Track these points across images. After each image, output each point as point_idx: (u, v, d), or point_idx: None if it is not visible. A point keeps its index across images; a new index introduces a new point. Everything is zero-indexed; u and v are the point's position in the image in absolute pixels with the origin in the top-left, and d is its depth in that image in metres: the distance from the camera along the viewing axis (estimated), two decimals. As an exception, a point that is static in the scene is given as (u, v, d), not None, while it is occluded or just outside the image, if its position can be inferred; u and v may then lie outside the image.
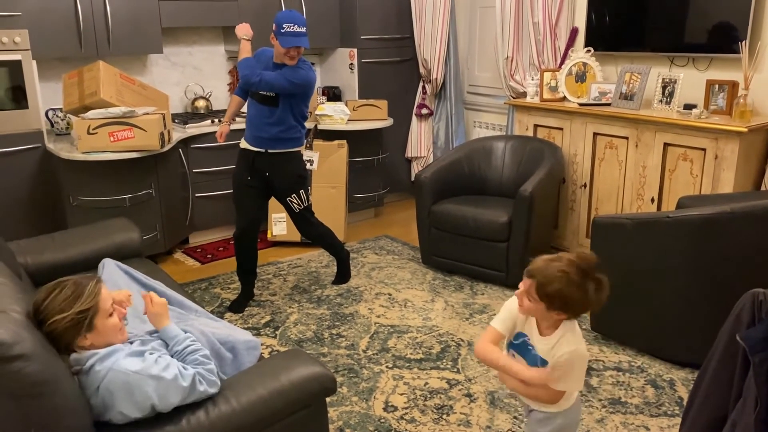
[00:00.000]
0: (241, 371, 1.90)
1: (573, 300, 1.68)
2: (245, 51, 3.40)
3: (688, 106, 3.52)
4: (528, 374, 1.80)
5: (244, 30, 3.44)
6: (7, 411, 1.40)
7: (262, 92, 3.31)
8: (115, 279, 2.34)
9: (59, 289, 1.61)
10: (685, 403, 2.62)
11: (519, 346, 1.87)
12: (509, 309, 1.88)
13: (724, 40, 3.50)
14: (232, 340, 2.05)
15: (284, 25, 3.17)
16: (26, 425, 1.41)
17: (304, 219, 3.61)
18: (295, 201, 3.53)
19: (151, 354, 1.64)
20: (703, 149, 3.35)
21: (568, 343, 1.76)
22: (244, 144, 3.47)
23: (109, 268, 2.42)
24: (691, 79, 3.69)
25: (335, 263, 3.94)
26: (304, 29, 3.21)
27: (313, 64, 5.48)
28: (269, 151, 3.40)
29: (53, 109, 4.22)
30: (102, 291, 1.66)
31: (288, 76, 3.25)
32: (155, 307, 1.82)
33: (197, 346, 1.76)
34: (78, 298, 1.60)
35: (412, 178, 5.56)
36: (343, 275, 3.89)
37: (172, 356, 1.72)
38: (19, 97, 3.74)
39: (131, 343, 1.71)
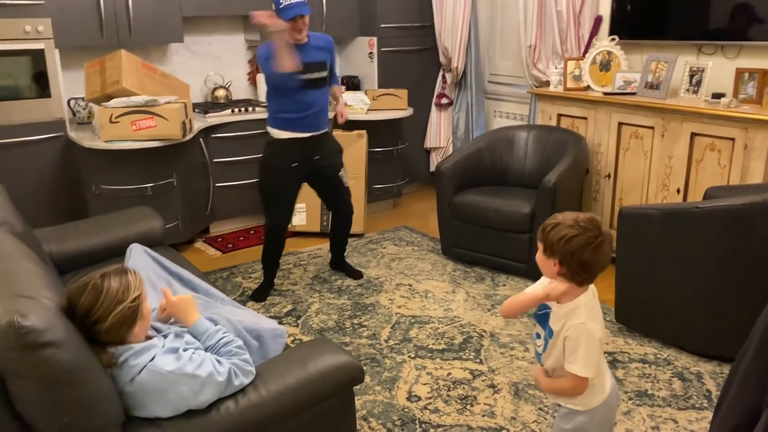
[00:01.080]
0: (269, 360, 1.89)
1: (572, 250, 1.62)
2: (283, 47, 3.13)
3: (717, 95, 3.46)
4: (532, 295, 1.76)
5: (270, 20, 3.12)
6: (38, 398, 1.39)
7: (313, 77, 3.29)
8: (142, 265, 2.34)
9: (107, 283, 1.56)
10: (713, 396, 2.59)
11: (540, 316, 1.82)
12: (542, 280, 1.83)
13: (754, 27, 3.42)
14: (258, 328, 2.04)
15: (281, 1, 3.14)
16: (58, 413, 1.41)
17: (349, 193, 3.68)
18: (345, 174, 3.61)
19: (185, 350, 1.63)
20: (732, 139, 3.29)
21: (578, 316, 1.69)
22: (289, 134, 3.35)
23: (137, 253, 2.42)
24: (720, 67, 3.62)
25: (345, 254, 3.96)
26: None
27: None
28: (320, 132, 3.41)
29: (75, 98, 4.23)
30: (141, 277, 1.66)
31: (322, 45, 3.35)
32: (181, 302, 1.81)
33: (230, 337, 1.76)
34: (128, 287, 1.58)
35: (432, 169, 5.53)
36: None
37: (205, 350, 1.72)
38: (41, 86, 3.76)
39: (165, 337, 1.70)
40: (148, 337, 1.68)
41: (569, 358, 1.72)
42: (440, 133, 5.43)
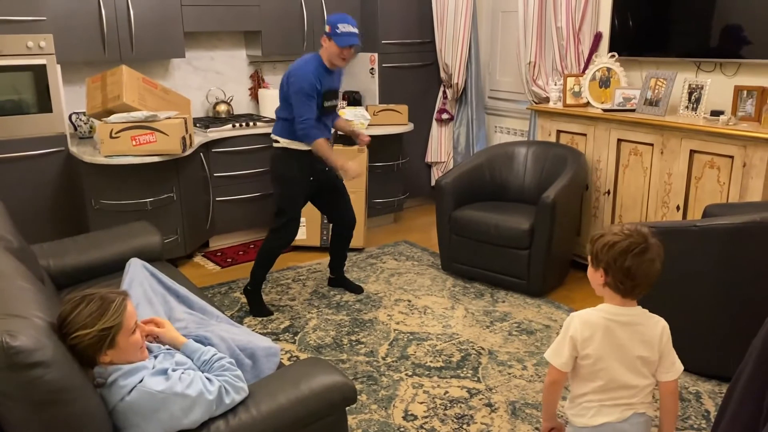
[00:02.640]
0: (262, 379, 1.89)
1: (615, 257, 1.65)
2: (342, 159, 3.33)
3: (716, 113, 3.46)
4: None
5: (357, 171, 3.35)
6: (26, 418, 1.39)
7: (334, 104, 3.46)
8: (140, 279, 2.34)
9: (85, 304, 1.58)
10: (711, 416, 2.56)
11: None
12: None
13: (753, 44, 3.43)
14: (251, 347, 2.04)
15: (339, 26, 3.23)
16: (46, 433, 1.40)
17: (350, 200, 3.73)
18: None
19: (174, 370, 1.63)
20: (731, 156, 3.28)
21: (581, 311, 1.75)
22: (303, 146, 3.36)
23: (136, 268, 2.42)
24: (719, 84, 3.62)
25: (342, 268, 3.94)
26: (356, 30, 3.29)
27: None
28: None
29: (77, 113, 4.26)
30: (127, 308, 1.64)
31: (341, 72, 3.52)
32: (168, 327, 1.85)
33: (221, 354, 1.76)
34: (103, 314, 1.57)
35: (432, 184, 5.53)
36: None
37: (199, 366, 1.72)
38: (43, 101, 3.78)
39: (155, 357, 1.70)
40: None
41: None
42: (441, 148, 5.44)
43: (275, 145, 3.44)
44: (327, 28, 3.27)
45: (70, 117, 4.23)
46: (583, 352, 1.74)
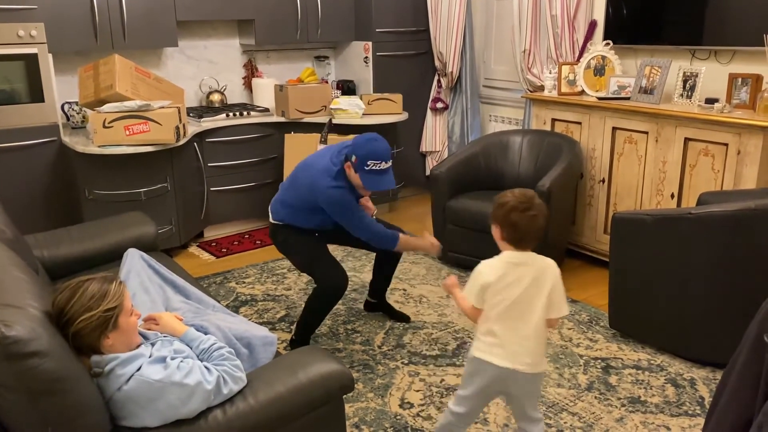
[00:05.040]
0: (259, 368, 1.89)
1: (504, 213, 1.97)
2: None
3: (710, 101, 3.46)
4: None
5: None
6: (23, 408, 1.39)
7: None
8: (137, 270, 2.34)
9: (84, 288, 1.58)
10: (706, 402, 2.58)
11: None
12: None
13: (748, 32, 3.43)
14: (248, 336, 2.04)
15: (369, 162, 2.68)
16: (43, 423, 1.40)
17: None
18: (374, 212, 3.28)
19: (173, 359, 1.62)
20: (725, 144, 3.29)
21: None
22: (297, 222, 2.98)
23: (133, 258, 2.41)
24: (713, 72, 3.62)
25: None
26: (390, 164, 2.75)
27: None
28: None
29: (69, 103, 4.22)
30: (125, 289, 1.66)
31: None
32: (165, 318, 1.84)
33: (221, 343, 1.77)
34: (105, 295, 1.58)
35: (427, 173, 5.52)
36: None
37: (198, 355, 1.72)
38: (35, 91, 3.75)
39: (153, 345, 1.69)
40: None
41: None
42: (436, 137, 5.43)
43: (272, 221, 3.02)
44: (353, 158, 2.71)
45: (62, 107, 4.20)
46: (488, 290, 1.98)
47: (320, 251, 2.96)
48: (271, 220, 3.03)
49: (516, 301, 1.96)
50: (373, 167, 2.70)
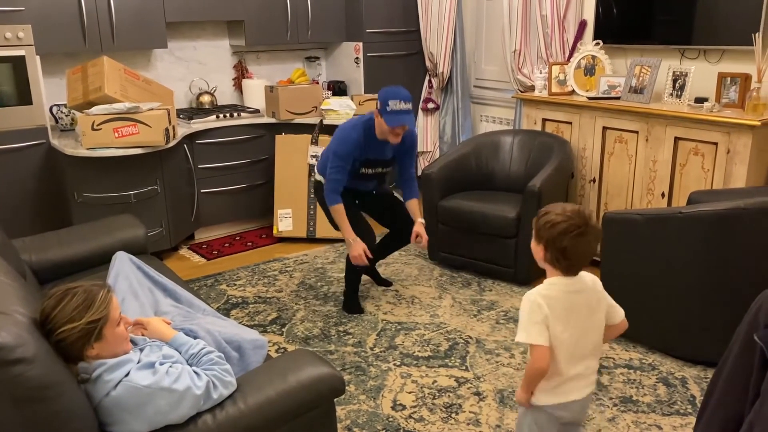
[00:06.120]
0: (249, 371, 1.87)
1: (554, 236, 1.71)
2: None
3: (700, 100, 3.47)
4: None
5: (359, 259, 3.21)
6: (8, 416, 1.37)
7: (373, 171, 3.35)
8: (126, 273, 2.32)
9: (70, 297, 1.55)
10: (698, 401, 2.59)
11: None
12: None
13: (736, 31, 3.44)
14: (238, 339, 2.02)
15: (390, 102, 3.06)
16: (28, 430, 1.38)
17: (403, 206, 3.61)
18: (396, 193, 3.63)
19: (162, 364, 1.61)
20: (715, 143, 3.30)
21: (536, 288, 1.78)
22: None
23: (122, 261, 2.39)
24: (702, 72, 3.63)
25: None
26: (409, 105, 3.12)
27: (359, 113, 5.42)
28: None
29: (57, 105, 4.19)
30: (112, 299, 1.63)
31: (402, 144, 3.31)
32: (153, 324, 1.82)
33: (210, 348, 1.75)
34: (89, 307, 1.55)
35: (419, 173, 5.51)
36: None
37: (187, 360, 1.70)
38: (23, 93, 3.72)
39: (141, 350, 1.68)
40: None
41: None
42: (427, 138, 5.43)
43: (315, 178, 3.42)
44: (378, 104, 3.12)
45: (50, 109, 4.16)
46: (552, 326, 1.76)
47: (352, 213, 3.26)
48: (315, 177, 3.42)
49: (584, 333, 1.78)
50: (394, 107, 3.06)
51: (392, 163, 3.41)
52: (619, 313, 1.87)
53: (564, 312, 1.75)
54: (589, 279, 1.83)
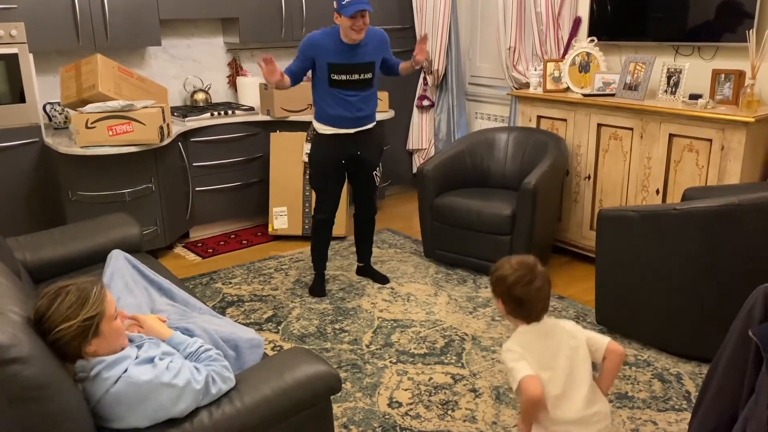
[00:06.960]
0: (245, 370, 1.87)
1: (505, 289, 1.79)
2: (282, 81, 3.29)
3: (694, 96, 3.48)
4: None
5: (269, 76, 3.21)
6: (3, 415, 1.36)
7: (358, 78, 3.29)
8: (121, 271, 2.31)
9: (63, 295, 1.53)
10: (693, 397, 2.60)
11: None
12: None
13: (731, 28, 3.45)
14: (235, 338, 2.02)
15: None
16: (24, 430, 1.37)
17: (375, 192, 3.70)
18: (379, 173, 3.64)
19: (161, 359, 1.60)
20: (709, 140, 3.31)
21: (507, 342, 1.84)
22: (332, 130, 3.39)
23: (118, 260, 2.38)
24: (697, 68, 3.64)
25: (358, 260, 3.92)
26: None
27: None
28: (363, 128, 3.42)
29: (51, 103, 4.17)
30: (107, 294, 1.62)
31: (375, 43, 3.32)
32: (149, 322, 1.82)
33: (208, 345, 1.75)
34: (84, 304, 1.54)
35: (414, 171, 5.52)
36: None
37: (186, 358, 1.70)
38: (16, 91, 3.70)
39: (139, 347, 1.67)
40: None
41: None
42: (422, 135, 5.43)
43: (313, 128, 3.52)
44: (334, 4, 3.16)
45: (44, 107, 4.14)
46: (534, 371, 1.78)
47: (330, 181, 3.47)
48: (312, 127, 3.52)
49: (569, 372, 1.79)
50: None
51: (369, 68, 3.32)
52: (601, 341, 1.85)
53: (540, 356, 1.79)
54: (554, 321, 1.86)
